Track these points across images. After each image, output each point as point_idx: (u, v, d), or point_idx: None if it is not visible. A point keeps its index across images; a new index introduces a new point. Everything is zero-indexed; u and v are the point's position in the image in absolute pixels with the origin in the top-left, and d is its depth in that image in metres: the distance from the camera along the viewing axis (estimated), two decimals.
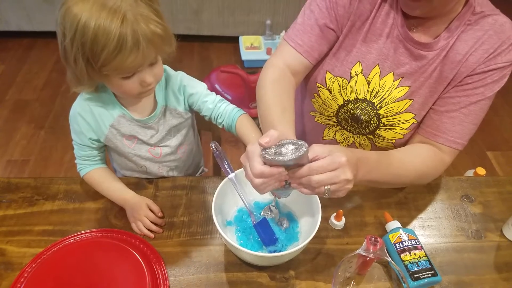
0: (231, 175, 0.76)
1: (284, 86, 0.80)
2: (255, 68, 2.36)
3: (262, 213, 0.79)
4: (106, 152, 0.93)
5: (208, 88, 0.91)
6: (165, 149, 0.91)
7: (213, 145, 0.80)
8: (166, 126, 0.89)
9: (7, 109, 2.18)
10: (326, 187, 0.60)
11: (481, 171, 1.18)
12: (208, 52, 2.63)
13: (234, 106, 0.90)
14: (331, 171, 0.59)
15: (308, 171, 0.59)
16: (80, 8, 0.65)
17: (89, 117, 0.83)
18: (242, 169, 0.75)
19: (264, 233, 0.74)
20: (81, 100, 0.83)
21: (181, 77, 0.88)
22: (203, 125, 1.15)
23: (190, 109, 0.92)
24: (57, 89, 2.32)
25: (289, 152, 0.58)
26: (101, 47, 0.65)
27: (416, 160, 0.78)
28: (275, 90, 0.78)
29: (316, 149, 0.61)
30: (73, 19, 0.65)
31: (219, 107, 0.89)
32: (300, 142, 0.60)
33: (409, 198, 0.89)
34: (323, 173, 0.59)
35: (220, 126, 0.92)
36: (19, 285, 0.69)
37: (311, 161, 0.60)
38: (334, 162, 0.59)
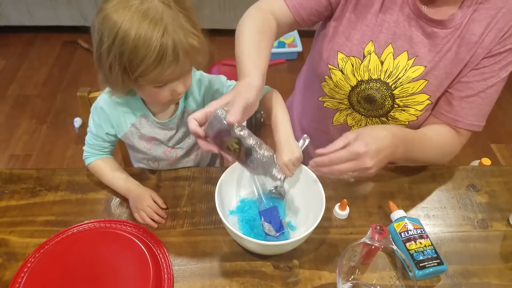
0: None
1: (263, 29, 0.78)
2: None
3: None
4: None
5: None
6: (180, 151, 0.91)
7: None
8: (184, 127, 0.88)
9: (9, 104, 2.18)
10: (349, 173, 0.65)
11: (486, 161, 1.17)
12: (209, 45, 2.62)
13: None
14: (351, 161, 0.64)
15: (329, 162, 0.64)
16: (120, 16, 0.63)
17: (112, 113, 0.82)
18: None
19: (273, 220, 0.74)
20: (107, 95, 0.82)
21: (199, 77, 0.86)
22: None
23: None
24: (58, 85, 2.31)
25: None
26: (140, 58, 0.64)
27: (440, 137, 0.82)
28: (253, 33, 0.76)
29: (349, 135, 0.67)
30: (112, 26, 0.63)
31: None
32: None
33: (414, 187, 0.88)
34: (342, 164, 0.64)
35: None
36: (22, 275, 0.68)
37: (344, 147, 0.66)
38: (352, 154, 0.64)
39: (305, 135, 0.78)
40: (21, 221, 0.79)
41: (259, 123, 1.96)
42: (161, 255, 0.73)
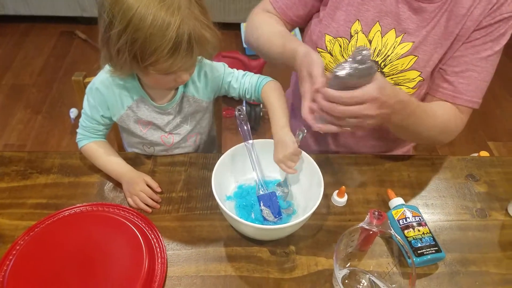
0: (250, 141, 0.75)
1: (274, 21, 0.87)
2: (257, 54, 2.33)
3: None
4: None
5: None
6: (177, 137, 0.89)
7: (238, 108, 0.79)
8: (182, 113, 0.86)
9: (3, 93, 2.15)
10: (348, 119, 0.61)
11: (484, 154, 1.17)
12: (220, 37, 2.60)
13: (258, 76, 0.87)
14: (359, 104, 0.60)
15: (339, 99, 0.60)
16: (135, 1, 0.60)
17: (108, 95, 0.80)
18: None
19: (272, 205, 0.73)
20: (104, 76, 0.79)
21: (200, 64, 0.85)
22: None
23: (211, 96, 0.89)
24: (55, 74, 2.29)
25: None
26: (154, 47, 0.62)
27: (443, 113, 0.80)
28: (269, 25, 0.85)
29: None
30: (126, 10, 0.60)
31: (244, 83, 0.87)
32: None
33: (413, 176, 0.87)
34: (350, 106, 0.60)
35: (251, 101, 0.90)
36: (10, 257, 0.67)
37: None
38: (364, 95, 0.59)
39: (302, 128, 0.74)
40: (11, 203, 0.77)
41: (259, 117, 1.95)
42: (155, 240, 0.72)
